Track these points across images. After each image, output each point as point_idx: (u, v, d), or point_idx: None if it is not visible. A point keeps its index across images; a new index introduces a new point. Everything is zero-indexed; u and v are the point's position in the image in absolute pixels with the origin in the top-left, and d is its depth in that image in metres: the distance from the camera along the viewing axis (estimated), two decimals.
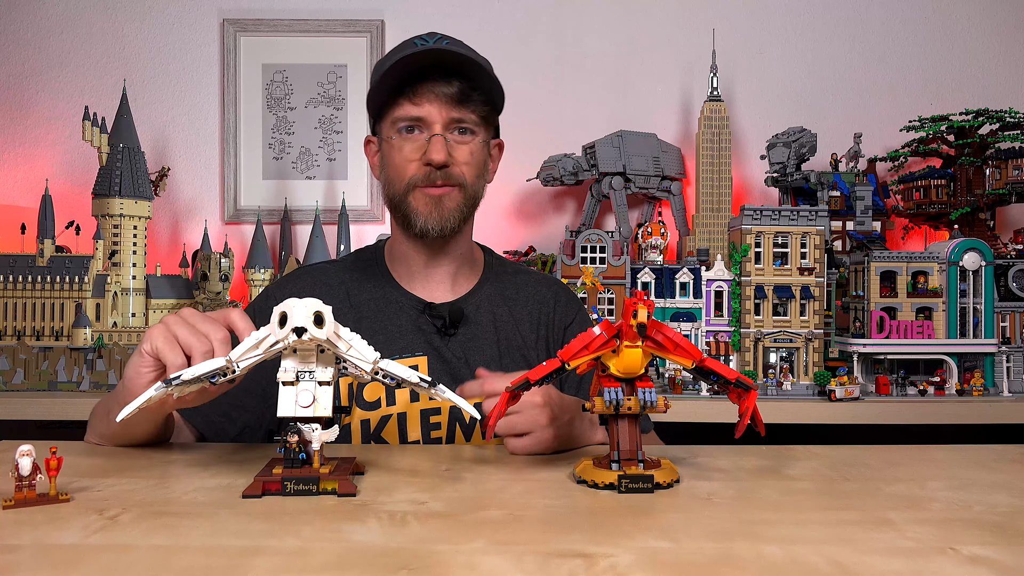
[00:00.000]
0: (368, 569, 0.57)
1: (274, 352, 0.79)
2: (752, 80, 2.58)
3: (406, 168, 1.18)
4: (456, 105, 1.15)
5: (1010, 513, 0.73)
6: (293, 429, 0.77)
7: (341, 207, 2.47)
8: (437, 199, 1.18)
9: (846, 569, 0.57)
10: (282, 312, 0.76)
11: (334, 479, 0.77)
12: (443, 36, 1.18)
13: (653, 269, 2.15)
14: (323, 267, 1.34)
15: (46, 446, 0.75)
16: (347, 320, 1.24)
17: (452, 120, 1.16)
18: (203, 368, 0.79)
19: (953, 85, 2.57)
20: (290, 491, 0.75)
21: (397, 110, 1.16)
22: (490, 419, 0.85)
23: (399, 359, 1.19)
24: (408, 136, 1.17)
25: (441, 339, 1.22)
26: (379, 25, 2.57)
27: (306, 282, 1.27)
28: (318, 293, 0.85)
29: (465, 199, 1.20)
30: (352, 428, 1.16)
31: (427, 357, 1.20)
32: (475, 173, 1.20)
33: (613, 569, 0.56)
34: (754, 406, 0.83)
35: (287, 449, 0.77)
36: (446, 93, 1.14)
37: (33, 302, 2.10)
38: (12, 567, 0.57)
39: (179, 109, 2.58)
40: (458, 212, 1.19)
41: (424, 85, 1.14)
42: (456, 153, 1.17)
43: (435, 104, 1.15)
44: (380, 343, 1.20)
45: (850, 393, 1.92)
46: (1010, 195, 2.22)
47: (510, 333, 1.26)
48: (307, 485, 0.76)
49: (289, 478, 0.76)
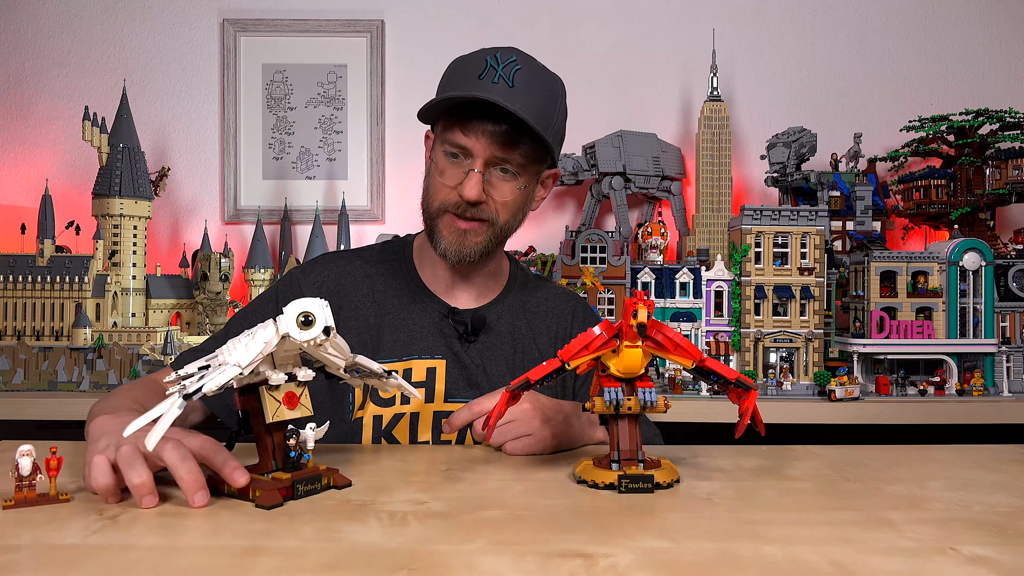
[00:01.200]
0: (368, 569, 0.57)
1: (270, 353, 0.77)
2: (752, 80, 2.58)
3: (442, 192, 1.18)
4: (501, 145, 1.13)
5: (1010, 513, 0.73)
6: (294, 433, 0.78)
7: (341, 207, 2.47)
8: (463, 232, 1.18)
9: (846, 569, 0.57)
10: (305, 313, 0.75)
11: (328, 474, 0.79)
12: (516, 61, 1.14)
13: (653, 269, 2.15)
14: (348, 256, 1.33)
15: (46, 446, 0.75)
16: (369, 313, 1.25)
17: (495, 159, 1.15)
18: (221, 380, 0.75)
19: (953, 85, 2.57)
20: (301, 493, 0.76)
21: (447, 132, 1.15)
22: (490, 419, 0.85)
23: (420, 359, 1.20)
24: (452, 162, 1.16)
25: (461, 345, 1.22)
26: (379, 25, 2.57)
27: (332, 270, 1.27)
28: (344, 283, 0.85)
29: (493, 235, 1.20)
30: (364, 423, 1.16)
31: (446, 361, 1.20)
32: (510, 211, 1.20)
33: (613, 569, 0.56)
34: (754, 406, 0.83)
35: (296, 454, 0.78)
36: (493, 132, 1.12)
37: (33, 302, 2.10)
38: (12, 567, 0.57)
39: (179, 109, 2.58)
40: (481, 247, 1.19)
41: (475, 120, 1.13)
42: (494, 192, 1.16)
43: (482, 141, 1.13)
44: (401, 341, 1.21)
45: (850, 393, 1.92)
46: (1010, 195, 2.22)
47: (527, 345, 1.27)
48: (313, 484, 0.77)
49: (299, 480, 0.76)
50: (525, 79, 1.15)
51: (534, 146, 1.16)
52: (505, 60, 1.14)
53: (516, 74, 1.14)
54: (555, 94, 1.21)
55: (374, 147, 2.57)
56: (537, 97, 1.16)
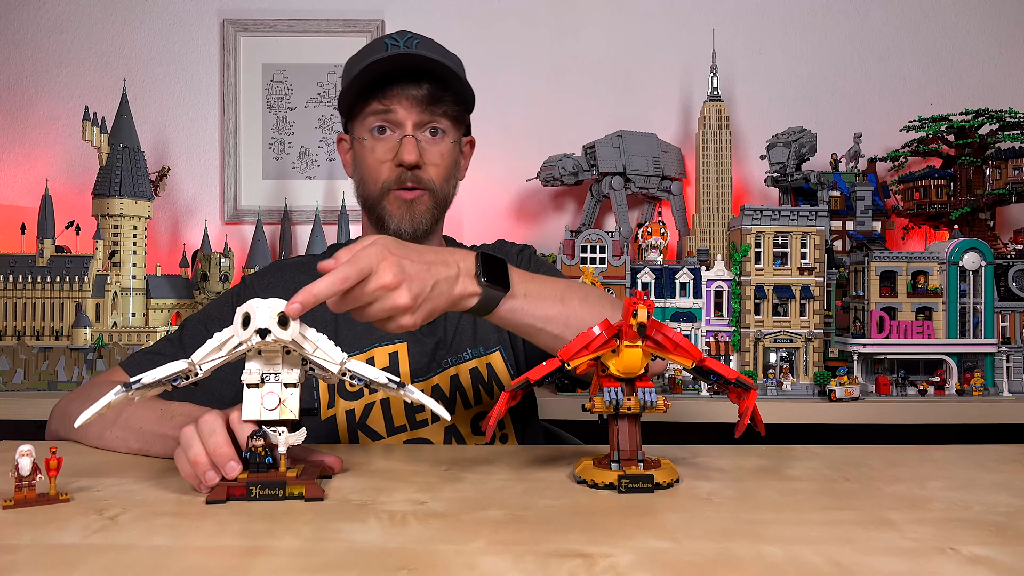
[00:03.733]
0: (368, 569, 0.57)
1: (238, 354, 0.78)
2: (752, 80, 2.58)
3: (379, 170, 1.20)
4: (426, 107, 1.18)
5: (1010, 513, 0.73)
6: (259, 433, 0.75)
7: (341, 207, 2.47)
8: (409, 203, 1.21)
9: (846, 569, 0.57)
10: (245, 313, 0.74)
11: (301, 483, 0.75)
12: (414, 35, 1.20)
13: (653, 269, 2.15)
14: (299, 260, 1.36)
15: (46, 446, 0.75)
16: (325, 311, 1.25)
17: (422, 121, 1.19)
18: (165, 371, 0.78)
19: (953, 85, 2.57)
20: (256, 496, 0.73)
21: (368, 111, 1.19)
22: (490, 419, 0.85)
23: (380, 347, 1.20)
24: (380, 137, 1.20)
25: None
26: (379, 25, 2.57)
27: (286, 274, 1.29)
28: (299, 284, 0.83)
29: (435, 203, 1.23)
30: (337, 419, 1.16)
31: (406, 343, 1.22)
32: (445, 176, 1.23)
33: (613, 569, 0.56)
34: (754, 406, 0.83)
35: (253, 453, 0.75)
36: (415, 95, 1.17)
37: (33, 302, 2.10)
38: (12, 567, 0.57)
39: (179, 109, 2.58)
40: (429, 215, 1.22)
41: (395, 87, 1.16)
42: (427, 155, 1.20)
43: (405, 106, 1.17)
44: (358, 333, 1.21)
45: (850, 393, 1.92)
46: (1010, 195, 2.22)
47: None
48: (273, 489, 0.74)
49: (255, 482, 0.74)
50: (427, 46, 1.19)
51: (456, 104, 1.19)
52: (403, 37, 1.20)
53: (417, 44, 1.18)
54: (458, 60, 1.24)
55: None
56: (444, 56, 1.19)
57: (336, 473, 0.86)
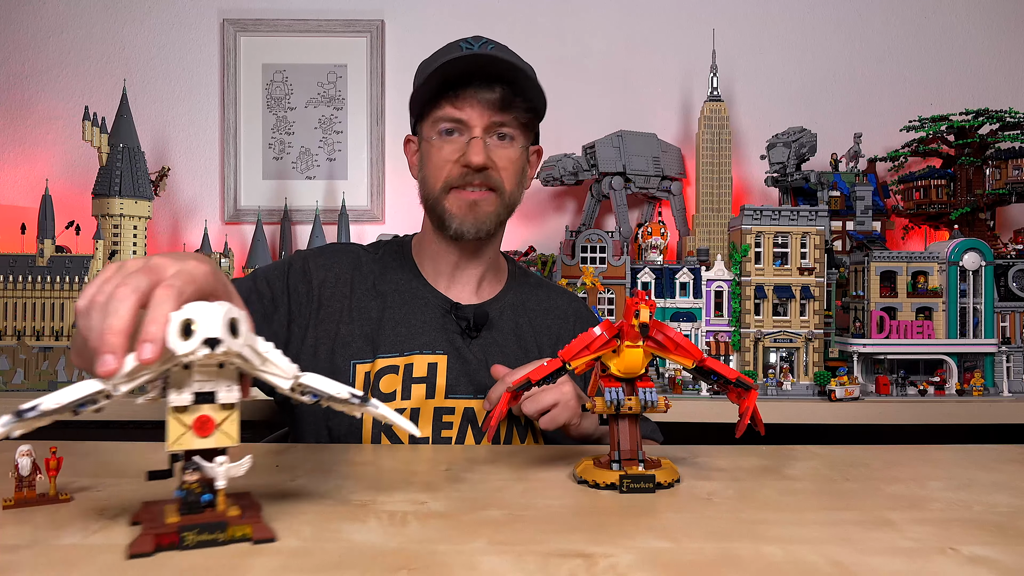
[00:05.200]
0: (368, 569, 0.56)
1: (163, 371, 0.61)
2: (752, 80, 2.58)
3: (443, 169, 1.18)
4: (497, 111, 1.15)
5: (1010, 513, 0.73)
6: (193, 465, 0.61)
7: (341, 207, 2.47)
8: (472, 203, 1.18)
9: (846, 569, 0.57)
10: (186, 320, 0.59)
11: (246, 523, 0.62)
12: (488, 40, 1.17)
13: (653, 269, 2.15)
14: (357, 248, 1.33)
15: (46, 446, 0.75)
16: (372, 307, 1.24)
17: (492, 124, 1.16)
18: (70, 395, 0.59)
19: (953, 85, 2.57)
20: (191, 543, 0.60)
21: (438, 112, 1.17)
22: (491, 419, 0.85)
23: (421, 354, 1.19)
24: (448, 138, 1.18)
25: (463, 340, 1.22)
26: (379, 25, 2.57)
27: (344, 257, 1.27)
28: (350, 271, 0.82)
29: (501, 204, 1.21)
30: (364, 419, 1.16)
31: (447, 356, 1.20)
32: (514, 180, 1.21)
33: (613, 569, 0.56)
34: (754, 406, 0.83)
35: (187, 492, 0.61)
36: (488, 98, 1.15)
37: (33, 302, 2.10)
38: (12, 567, 0.57)
39: (179, 109, 2.58)
40: (494, 216, 1.20)
41: (467, 90, 1.15)
42: (495, 157, 1.17)
43: (476, 108, 1.15)
44: (403, 335, 1.20)
45: (850, 393, 1.92)
46: (1010, 195, 2.22)
47: (529, 344, 1.27)
48: (212, 533, 0.61)
49: (189, 527, 0.60)
50: (501, 50, 1.18)
51: (527, 111, 1.18)
52: (477, 41, 1.18)
53: (491, 49, 1.17)
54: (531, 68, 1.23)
55: (374, 147, 2.57)
56: (518, 60, 1.18)
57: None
